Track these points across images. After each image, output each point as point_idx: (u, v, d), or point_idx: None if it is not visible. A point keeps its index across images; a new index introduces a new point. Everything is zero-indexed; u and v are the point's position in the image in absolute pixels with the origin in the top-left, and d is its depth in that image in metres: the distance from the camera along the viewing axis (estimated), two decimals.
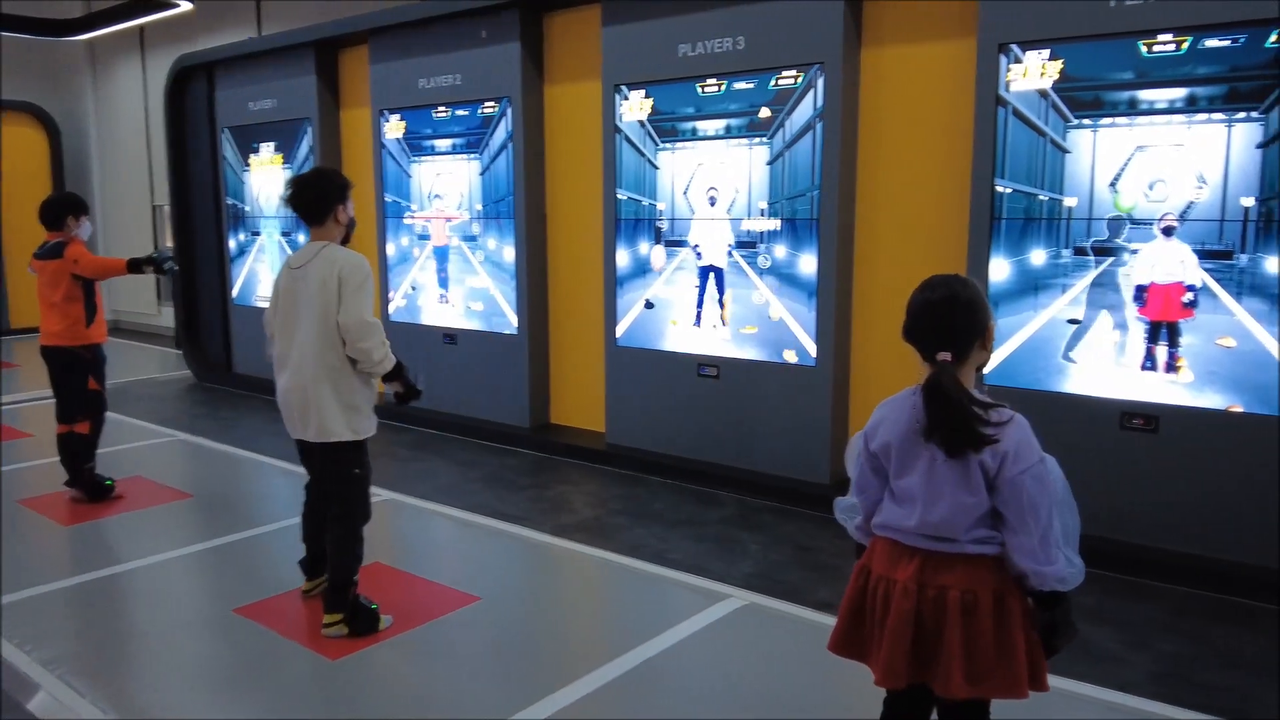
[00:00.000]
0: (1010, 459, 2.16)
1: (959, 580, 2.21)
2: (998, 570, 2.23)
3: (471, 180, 7.43)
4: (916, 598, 2.23)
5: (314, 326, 3.75)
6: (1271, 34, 4.16)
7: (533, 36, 6.98)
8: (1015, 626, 2.22)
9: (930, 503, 2.23)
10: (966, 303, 2.25)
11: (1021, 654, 2.21)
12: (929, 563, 2.25)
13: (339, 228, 3.90)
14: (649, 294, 6.42)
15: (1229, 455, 4.42)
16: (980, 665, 2.19)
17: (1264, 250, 4.27)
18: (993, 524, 2.23)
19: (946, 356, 2.22)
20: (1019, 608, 2.23)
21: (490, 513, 5.59)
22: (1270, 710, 3.37)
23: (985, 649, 2.19)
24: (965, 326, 2.25)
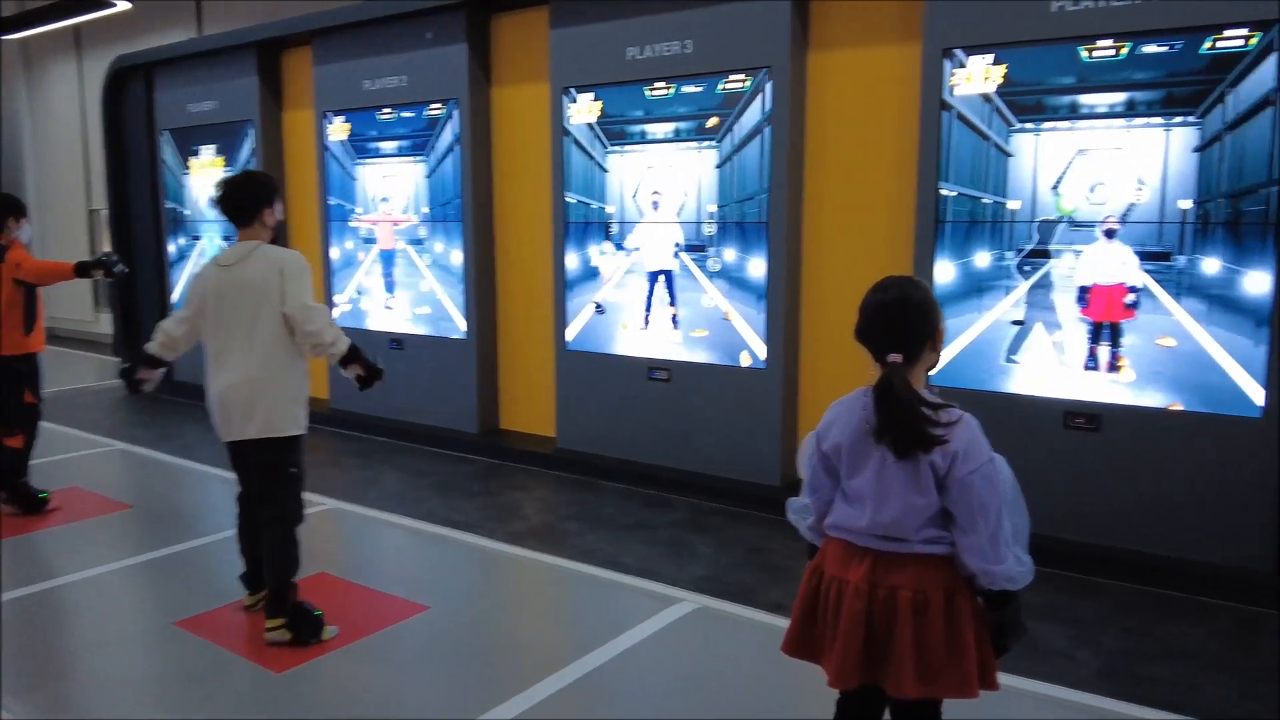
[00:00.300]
0: (960, 459, 2.17)
1: (910, 580, 2.22)
2: (948, 570, 2.24)
3: (418, 183, 7.34)
4: (868, 598, 2.23)
5: (258, 324, 3.72)
6: (1207, 40, 4.25)
7: (479, 38, 6.92)
8: (965, 626, 2.22)
9: (881, 503, 2.23)
10: (918, 304, 2.27)
11: (972, 653, 2.22)
12: (880, 563, 2.25)
13: (267, 230, 3.90)
14: (599, 298, 6.39)
15: (1171, 453, 4.50)
16: (931, 665, 2.20)
17: (1201, 252, 4.37)
18: (943, 524, 2.24)
19: (897, 358, 2.23)
20: (969, 607, 2.24)
21: (440, 520, 5.52)
22: (1214, 702, 3.44)
23: (936, 649, 2.20)
24: (916, 328, 2.26)
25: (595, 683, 3.55)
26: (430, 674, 3.66)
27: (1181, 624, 4.11)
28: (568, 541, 5.18)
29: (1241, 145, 4.22)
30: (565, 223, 6.49)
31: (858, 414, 2.29)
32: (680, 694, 3.48)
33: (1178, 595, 4.39)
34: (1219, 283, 4.34)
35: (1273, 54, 4.11)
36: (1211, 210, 4.33)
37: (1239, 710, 3.38)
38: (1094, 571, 4.61)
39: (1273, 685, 3.56)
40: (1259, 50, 4.14)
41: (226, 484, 6.10)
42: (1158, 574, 4.49)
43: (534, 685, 3.50)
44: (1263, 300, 4.24)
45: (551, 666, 3.65)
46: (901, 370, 2.23)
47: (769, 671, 3.67)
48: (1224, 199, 4.29)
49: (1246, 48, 4.17)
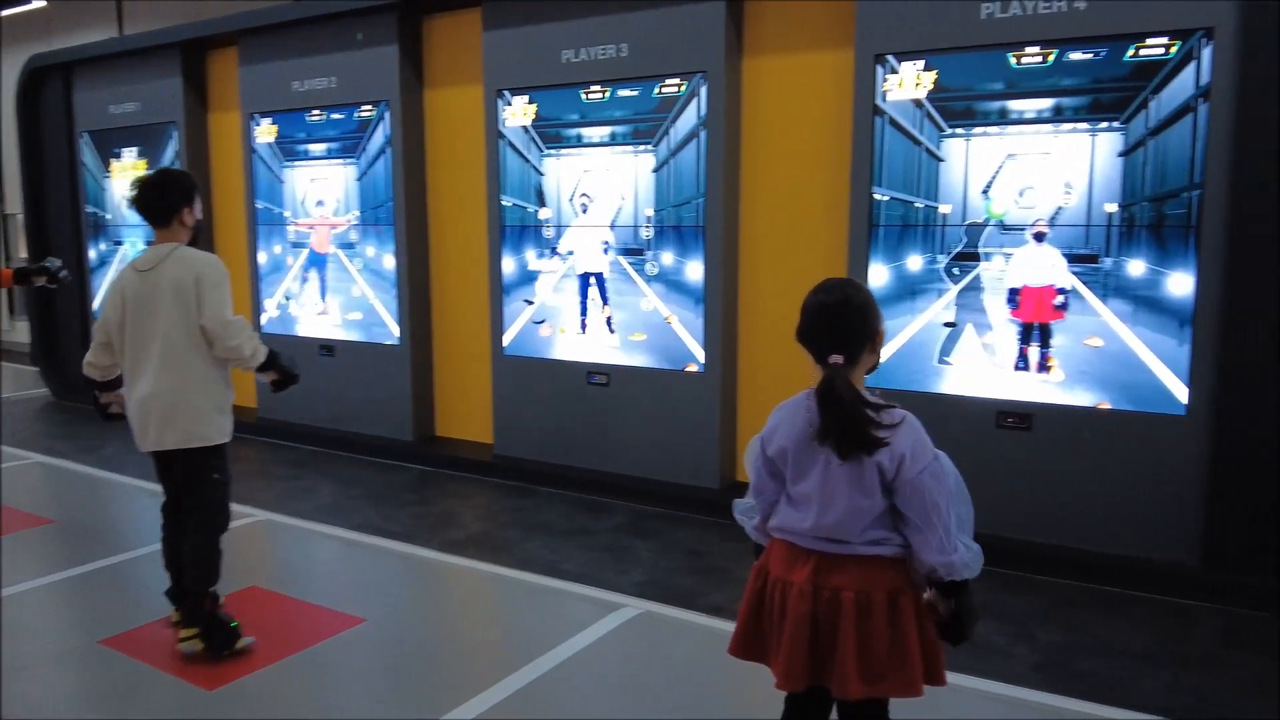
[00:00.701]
0: (908, 461, 2.19)
1: (852, 581, 2.22)
2: (891, 570, 2.25)
3: (348, 186, 7.21)
4: (812, 600, 2.24)
5: (176, 331, 3.61)
6: (1130, 48, 4.36)
7: (411, 39, 6.83)
8: (909, 626, 2.23)
9: (825, 505, 2.24)
10: (859, 306, 2.28)
11: (916, 653, 2.23)
12: (823, 564, 2.25)
13: (186, 230, 3.77)
14: (535, 302, 6.34)
15: (1100, 451, 4.61)
16: (875, 665, 2.21)
17: (1126, 254, 4.48)
18: (889, 525, 2.25)
19: (839, 359, 2.23)
20: (912, 607, 2.26)
21: (374, 530, 5.41)
22: (1148, 694, 3.51)
23: (880, 649, 2.21)
24: (857, 330, 2.27)
25: (537, 692, 3.51)
26: (368, 687, 3.58)
27: (1114, 618, 4.20)
28: (507, 549, 5.12)
29: (1164, 150, 4.34)
30: (501, 226, 6.43)
31: (801, 417, 2.28)
32: (624, 701, 3.45)
33: (1110, 590, 4.49)
34: (1144, 284, 4.45)
35: (1192, 62, 4.24)
36: (1136, 213, 4.44)
37: (1172, 701, 3.46)
38: (1029, 568, 4.69)
39: (1202, 675, 3.66)
40: (1179, 58, 4.27)
41: (151, 497, 5.93)
42: (1090, 569, 4.58)
43: (475, 696, 3.44)
44: (1185, 301, 4.36)
45: (492, 677, 3.59)
46: (843, 371, 2.23)
47: (713, 675, 3.65)
48: (1148, 202, 4.41)
49: (1168, 56, 4.29)
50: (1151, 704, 3.44)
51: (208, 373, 3.67)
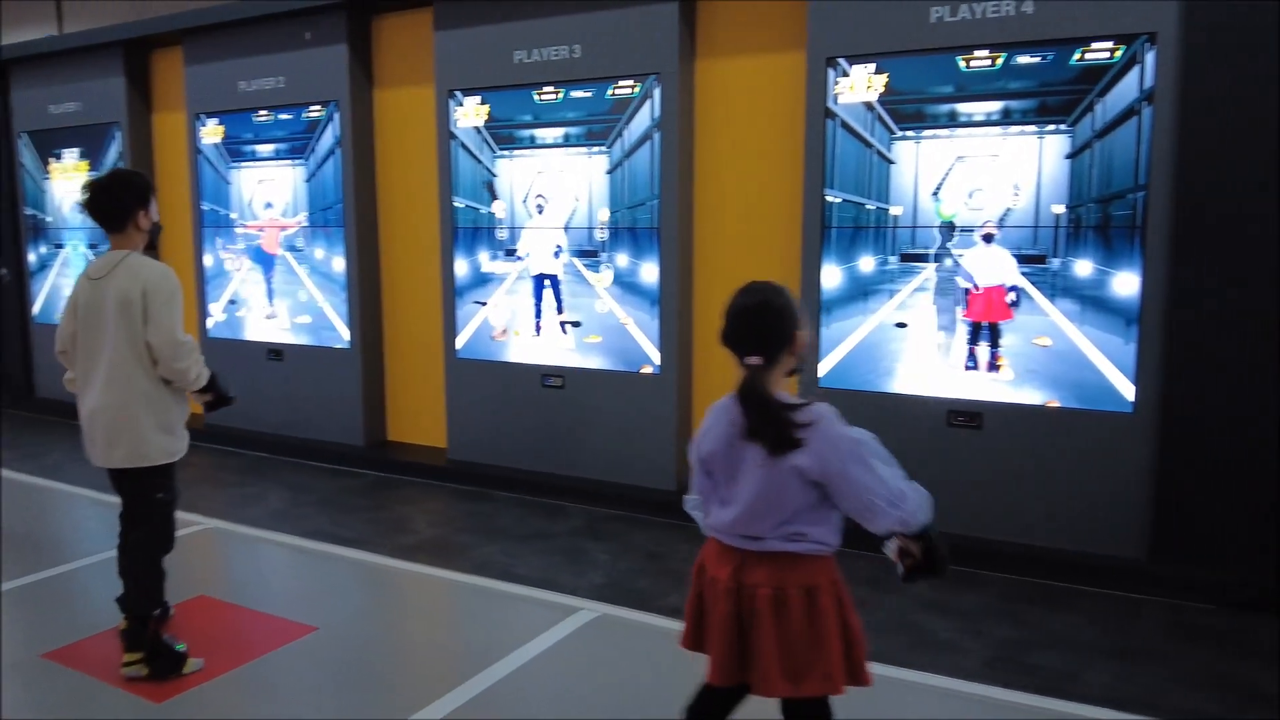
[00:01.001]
0: (829, 456, 2.23)
1: (768, 578, 2.28)
2: (807, 567, 2.29)
3: (297, 187, 7.11)
4: (736, 597, 2.30)
5: (121, 345, 3.46)
6: (1076, 52, 4.44)
7: (361, 39, 6.75)
8: (828, 622, 2.27)
9: (747, 503, 2.29)
10: (778, 310, 2.33)
11: (835, 650, 2.27)
12: (746, 562, 2.31)
13: (141, 234, 3.63)
14: (490, 304, 6.29)
15: (1048, 448, 4.68)
16: (795, 663, 2.25)
17: (1074, 254, 4.56)
18: (809, 520, 2.28)
19: (757, 360, 2.29)
20: (832, 604, 2.29)
21: (326, 537, 5.33)
22: (1096, 686, 3.57)
23: (798, 646, 2.25)
24: (775, 332, 2.32)
25: (494, 698, 3.47)
26: (320, 697, 3.52)
27: (1063, 612, 4.26)
28: (462, 554, 5.08)
29: (1110, 152, 4.42)
30: (454, 228, 6.38)
31: (725, 418, 2.35)
32: (582, 705, 3.43)
33: (1059, 585, 4.56)
34: (1091, 284, 4.53)
35: (1136, 66, 4.33)
36: (1083, 214, 4.52)
37: (1120, 693, 3.52)
38: (979, 564, 4.75)
39: (1150, 667, 3.73)
40: (1124, 62, 4.35)
41: (97, 505, 5.79)
42: (1040, 565, 4.65)
43: (430, 704, 3.40)
44: (1131, 301, 4.45)
45: (448, 684, 3.55)
46: (761, 372, 2.29)
47: (672, 677, 3.64)
48: (1094, 204, 4.49)
49: (1113, 60, 4.37)
50: (1101, 696, 3.50)
51: (152, 390, 3.52)
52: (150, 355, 3.49)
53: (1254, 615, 4.17)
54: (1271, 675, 3.64)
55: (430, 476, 6.53)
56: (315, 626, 4.07)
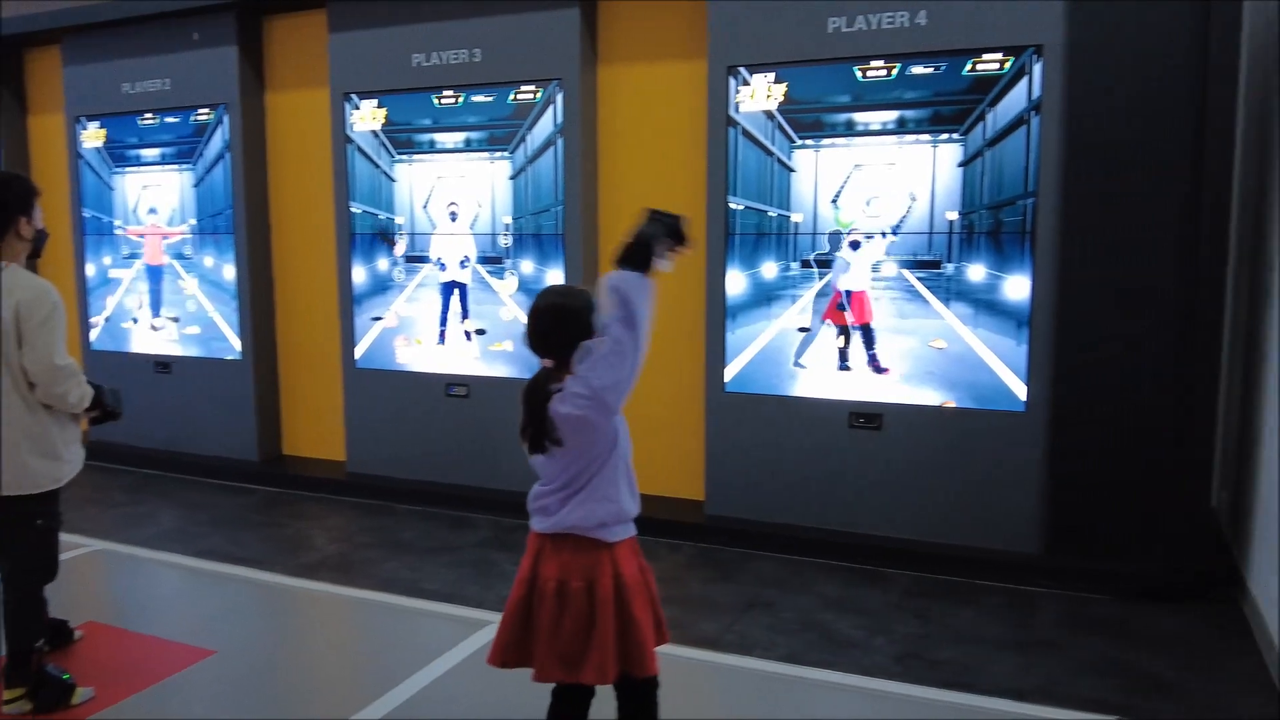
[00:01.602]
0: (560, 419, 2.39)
1: (555, 571, 2.42)
2: (591, 555, 2.42)
3: (184, 193, 6.84)
4: (529, 585, 2.49)
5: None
6: (968, 63, 4.59)
7: (252, 41, 6.53)
8: (606, 613, 2.39)
9: (540, 490, 2.48)
10: (573, 313, 2.42)
11: (610, 641, 2.37)
12: (542, 551, 2.49)
13: (23, 243, 3.38)
14: (389, 313, 6.16)
15: (946, 447, 4.81)
16: (567, 651, 2.38)
17: (967, 259, 4.70)
18: (582, 485, 2.44)
19: (548, 362, 2.40)
20: (610, 595, 2.40)
21: (221, 556, 5.13)
22: (999, 678, 3.68)
23: (570, 636, 2.38)
24: (567, 336, 2.40)
25: (403, 718, 3.39)
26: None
27: (965, 607, 4.39)
28: (365, 571, 4.94)
29: (1000, 160, 4.58)
30: (351, 234, 6.22)
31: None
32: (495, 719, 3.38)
33: (960, 580, 4.69)
34: (984, 288, 4.68)
35: (1025, 77, 4.49)
36: (975, 221, 4.67)
37: (1022, 683, 3.64)
38: (883, 563, 4.85)
39: (1048, 657, 3.86)
40: (1013, 73, 4.51)
41: None
42: (941, 561, 4.78)
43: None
44: (1022, 304, 4.61)
45: (355, 704, 3.45)
46: (549, 374, 2.41)
47: None
48: (986, 210, 4.64)
49: (1002, 71, 4.53)
50: (1003, 687, 3.61)
51: (28, 415, 3.31)
52: (26, 379, 3.28)
53: (1145, 604, 4.36)
54: (1163, 661, 3.81)
55: (329, 491, 6.35)
56: (213, 650, 3.90)
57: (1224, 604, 4.35)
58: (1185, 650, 3.91)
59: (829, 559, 4.95)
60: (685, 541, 5.26)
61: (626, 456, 2.49)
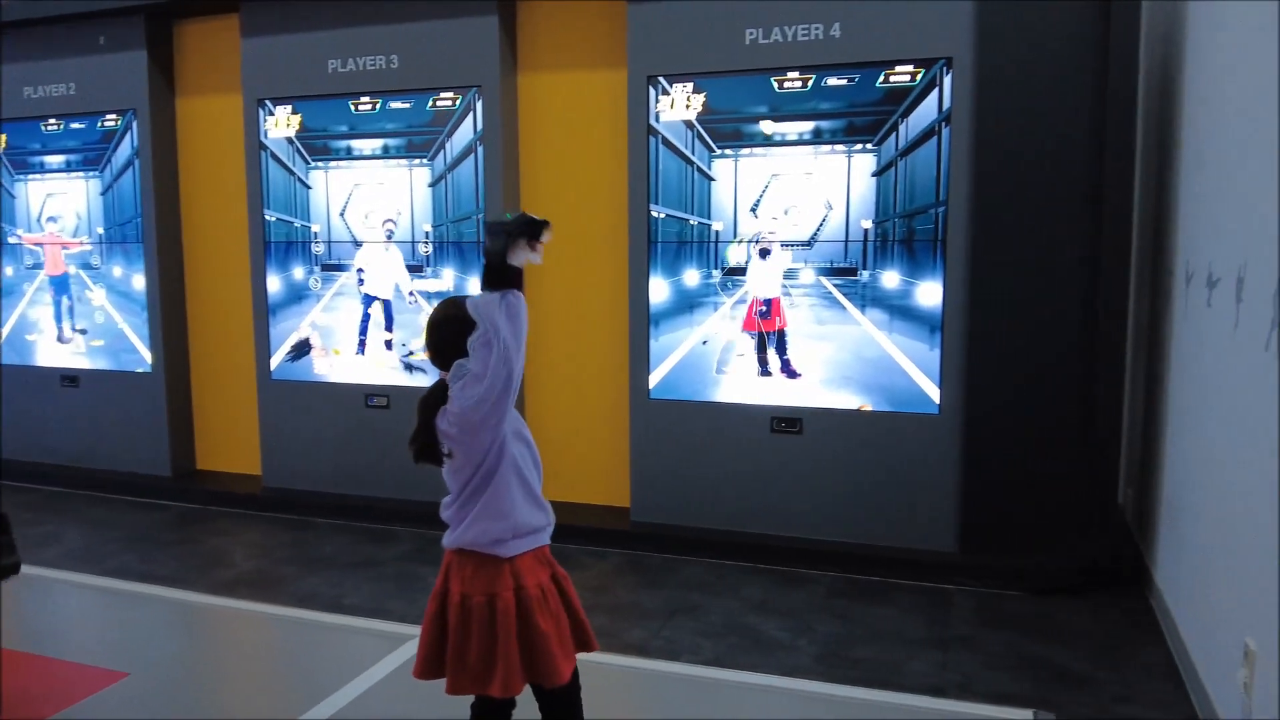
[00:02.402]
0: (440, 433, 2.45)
1: (460, 585, 2.44)
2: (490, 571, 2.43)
3: (91, 201, 6.63)
4: (440, 599, 2.50)
5: None
6: (880, 74, 4.70)
7: (161, 45, 6.36)
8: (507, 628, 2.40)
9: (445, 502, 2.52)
10: (459, 323, 2.42)
11: (513, 654, 2.40)
12: (450, 566, 2.51)
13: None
14: (307, 322, 6.05)
15: (864, 450, 4.91)
16: (472, 665, 2.40)
17: (882, 267, 4.81)
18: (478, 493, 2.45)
19: (445, 374, 2.43)
20: (512, 610, 2.42)
21: (134, 575, 4.97)
22: (918, 674, 3.77)
23: (475, 651, 2.40)
24: (453, 347, 2.41)
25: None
26: None
27: (884, 606, 4.48)
28: (284, 587, 4.84)
29: (913, 170, 4.70)
30: (265, 243, 6.10)
31: None
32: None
33: (879, 580, 4.79)
34: (898, 294, 4.80)
35: (935, 89, 4.62)
36: (889, 229, 4.78)
37: (940, 680, 3.73)
38: (804, 564, 4.93)
39: (965, 653, 3.96)
40: (924, 85, 4.64)
41: None
42: (861, 561, 4.87)
43: None
44: (934, 310, 4.74)
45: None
46: (443, 385, 2.44)
47: None
48: (900, 219, 4.75)
49: (913, 83, 4.66)
50: (922, 684, 3.70)
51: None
52: None
53: (1057, 598, 4.50)
54: (1075, 654, 3.95)
55: (245, 506, 6.20)
56: (126, 672, 3.78)
57: (1132, 597, 4.53)
58: (1096, 642, 4.06)
59: (754, 562, 5.01)
60: (612, 549, 5.27)
61: (521, 468, 2.47)
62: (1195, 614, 3.67)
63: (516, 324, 2.30)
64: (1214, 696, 3.26)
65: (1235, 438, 3.11)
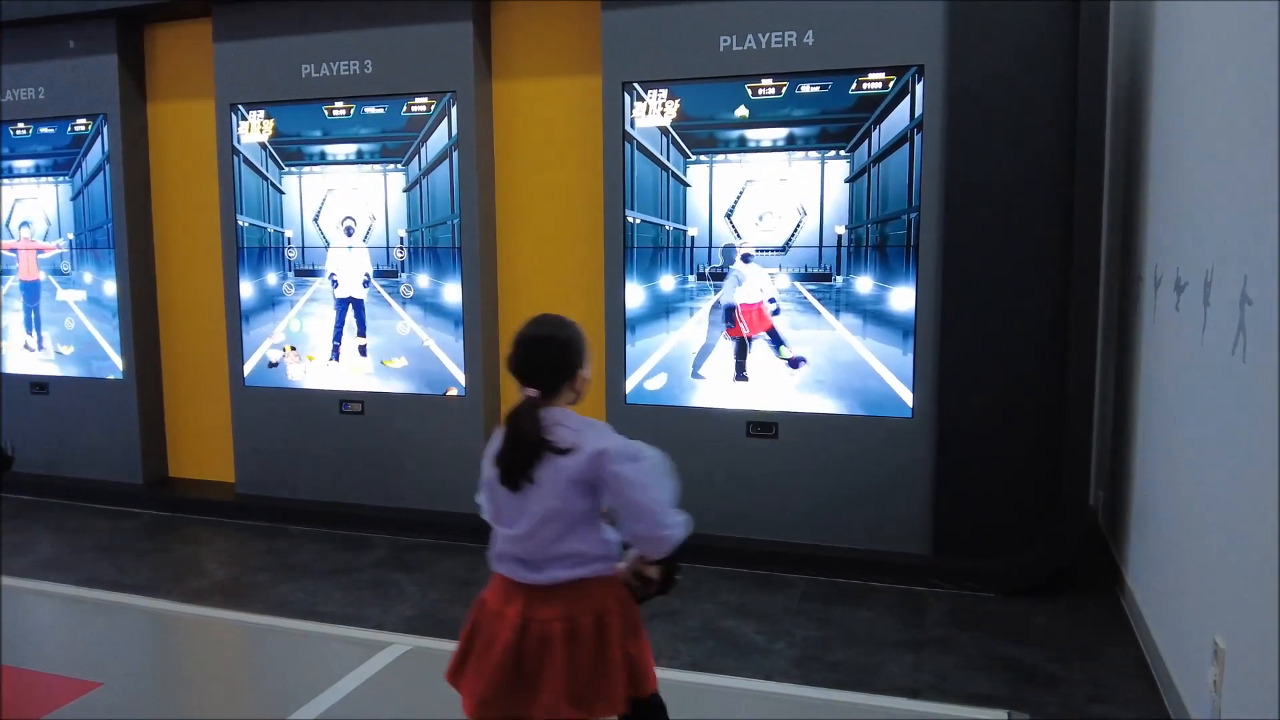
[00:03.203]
0: (608, 456, 2.27)
1: (560, 612, 2.30)
2: (596, 591, 2.34)
3: (62, 206, 6.56)
4: (522, 632, 2.29)
5: None
6: (853, 82, 4.74)
7: (132, 49, 6.31)
8: (614, 645, 2.32)
9: (522, 525, 2.31)
10: (563, 344, 2.38)
11: (619, 673, 2.31)
12: (533, 598, 2.31)
13: None
14: (280, 328, 6.02)
15: (838, 453, 4.95)
16: (579, 688, 2.28)
17: (855, 272, 4.85)
18: (587, 537, 2.32)
19: (533, 392, 2.33)
20: (618, 625, 2.35)
21: (106, 584, 4.92)
22: (894, 676, 3.80)
23: (584, 672, 2.28)
24: (557, 367, 2.36)
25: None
26: None
27: (859, 609, 4.51)
28: (258, 595, 4.81)
29: (885, 176, 4.74)
30: (238, 248, 6.06)
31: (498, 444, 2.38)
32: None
33: (855, 582, 4.82)
34: (871, 300, 4.84)
35: (907, 96, 4.66)
36: (862, 235, 4.82)
37: (914, 681, 3.76)
38: (781, 568, 4.96)
39: (939, 655, 4.00)
40: (896, 92, 4.68)
41: None
42: (837, 564, 4.90)
43: None
44: (907, 315, 4.78)
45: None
46: (535, 404, 2.32)
47: None
48: (873, 225, 4.80)
49: (886, 90, 4.70)
50: (897, 685, 3.73)
51: None
52: None
53: (1030, 600, 4.55)
54: (1048, 654, 3.99)
55: (218, 514, 6.15)
56: (99, 682, 3.74)
57: (1103, 597, 4.58)
58: (1069, 643, 4.11)
59: (730, 566, 5.02)
60: None
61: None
62: (1166, 614, 3.72)
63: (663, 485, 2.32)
64: (1184, 695, 3.31)
65: (1204, 440, 3.16)
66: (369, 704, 3.61)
